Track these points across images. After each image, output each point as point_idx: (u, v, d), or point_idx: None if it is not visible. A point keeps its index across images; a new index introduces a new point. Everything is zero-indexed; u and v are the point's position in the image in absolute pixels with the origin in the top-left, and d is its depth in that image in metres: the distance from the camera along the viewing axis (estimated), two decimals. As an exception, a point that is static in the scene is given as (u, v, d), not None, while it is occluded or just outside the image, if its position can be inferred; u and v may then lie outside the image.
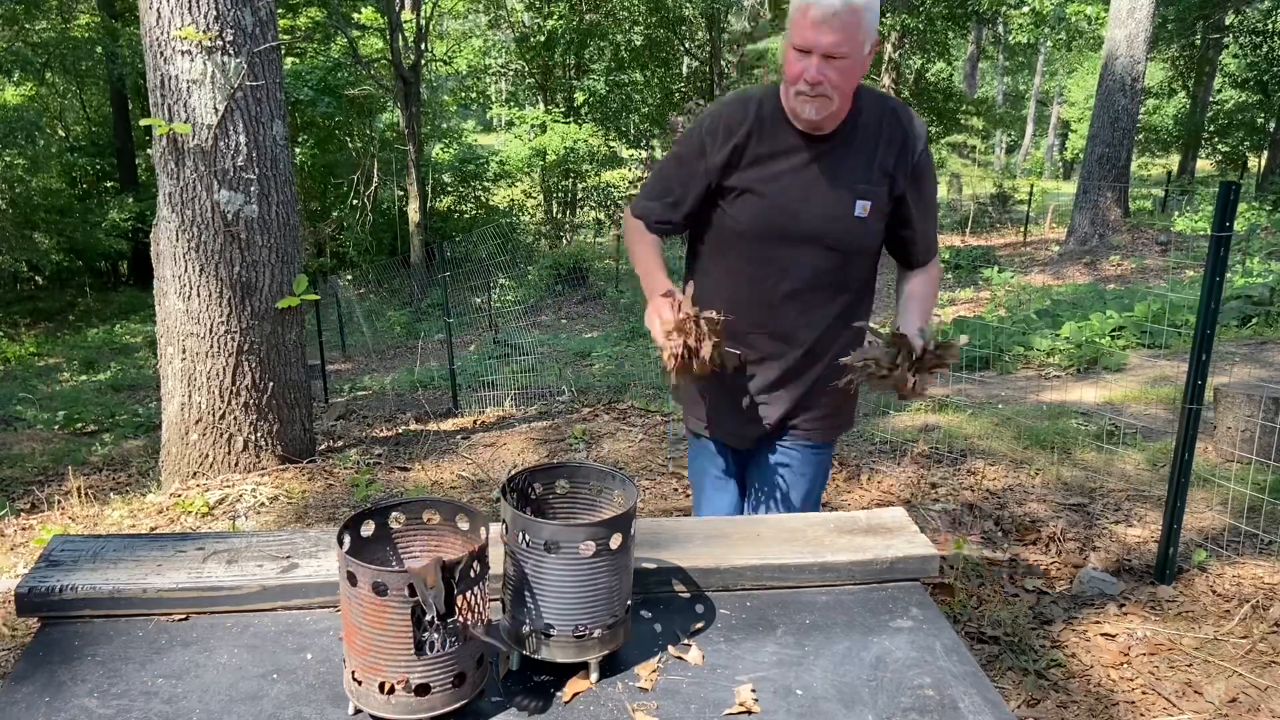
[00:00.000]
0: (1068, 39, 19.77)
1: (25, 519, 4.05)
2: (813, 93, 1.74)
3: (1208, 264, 3.03)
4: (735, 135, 1.87)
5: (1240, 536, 3.48)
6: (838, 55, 1.69)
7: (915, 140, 1.89)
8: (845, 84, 1.75)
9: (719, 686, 1.10)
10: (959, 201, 23.11)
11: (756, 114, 1.88)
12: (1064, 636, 2.87)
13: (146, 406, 6.87)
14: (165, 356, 4.16)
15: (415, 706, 1.01)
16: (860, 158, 1.87)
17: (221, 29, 3.83)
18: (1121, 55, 13.59)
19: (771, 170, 1.88)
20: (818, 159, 1.86)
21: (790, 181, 1.87)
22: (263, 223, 4.07)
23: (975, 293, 12.68)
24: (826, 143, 1.85)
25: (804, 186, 1.88)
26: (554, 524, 1.06)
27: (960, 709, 1.07)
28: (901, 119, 1.89)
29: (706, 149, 1.91)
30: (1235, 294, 8.28)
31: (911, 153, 1.89)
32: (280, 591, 1.27)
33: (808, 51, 1.70)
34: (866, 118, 1.87)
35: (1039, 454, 4.54)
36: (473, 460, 4.69)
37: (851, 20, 1.67)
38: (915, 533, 1.41)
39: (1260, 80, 20.96)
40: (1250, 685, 2.57)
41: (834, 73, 1.71)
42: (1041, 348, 7.03)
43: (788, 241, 1.90)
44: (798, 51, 1.72)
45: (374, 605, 0.99)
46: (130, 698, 1.07)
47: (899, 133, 1.88)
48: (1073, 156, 35.19)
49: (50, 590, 1.23)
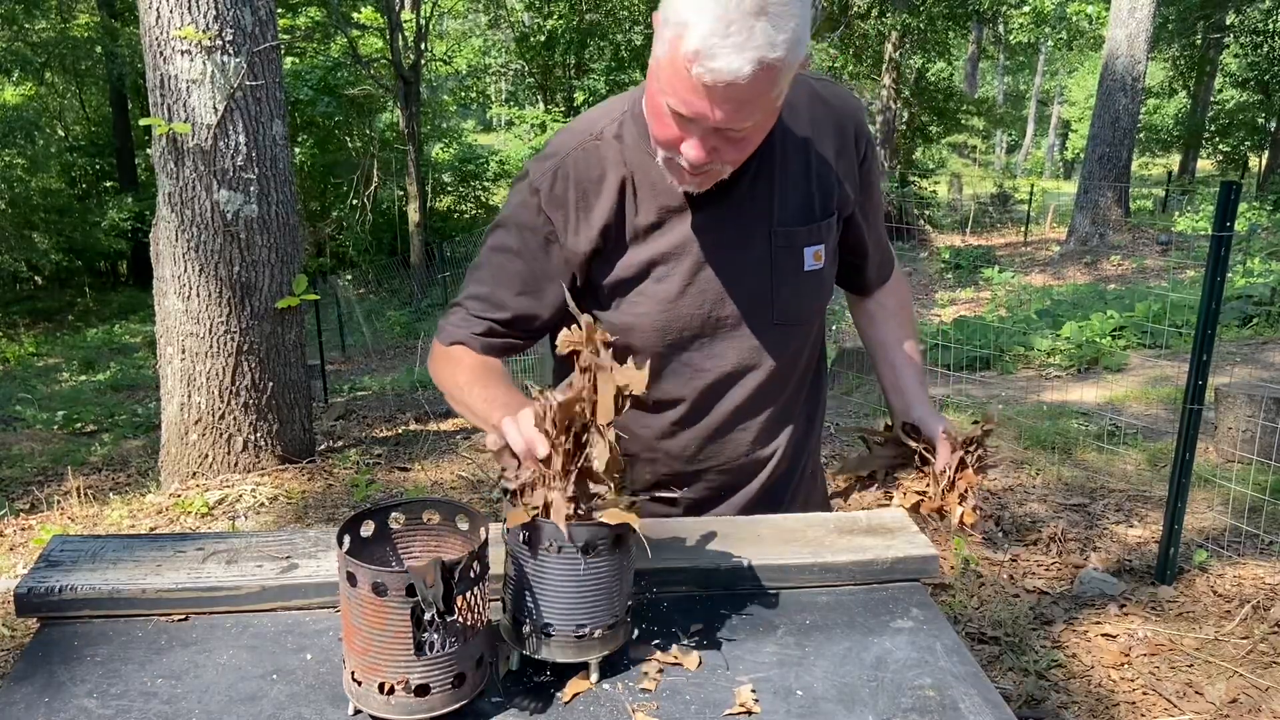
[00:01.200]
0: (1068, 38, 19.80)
1: (25, 519, 4.04)
2: (695, 173, 1.19)
3: (1208, 264, 3.03)
4: (597, 207, 1.28)
5: (1241, 537, 3.47)
6: (737, 130, 1.13)
7: (856, 127, 1.36)
8: (746, 154, 1.20)
9: (719, 686, 1.10)
10: (959, 201, 23.11)
11: (622, 164, 1.28)
12: (1064, 637, 2.86)
13: (146, 406, 6.87)
14: (165, 356, 4.16)
15: (415, 707, 1.01)
16: (794, 183, 1.31)
17: (221, 29, 3.83)
18: (1122, 55, 13.60)
19: (667, 242, 1.29)
20: (733, 206, 1.29)
21: (698, 253, 1.29)
22: (262, 223, 4.07)
23: (975, 293, 12.68)
24: (742, 177, 1.28)
25: (720, 254, 1.30)
26: (554, 524, 1.06)
27: (961, 709, 1.06)
28: (832, 103, 1.34)
29: (557, 231, 1.29)
30: (1236, 294, 8.28)
31: (857, 148, 1.35)
32: (280, 592, 1.26)
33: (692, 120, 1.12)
34: (788, 119, 1.30)
35: (1039, 454, 4.54)
36: (473, 460, 4.69)
37: (763, 82, 1.08)
38: (915, 533, 1.41)
39: (1261, 80, 20.97)
40: (1251, 686, 2.57)
41: (731, 149, 1.16)
42: (1042, 348, 7.03)
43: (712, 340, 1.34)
44: (675, 114, 1.13)
45: (373, 605, 0.99)
46: (130, 698, 1.07)
47: (833, 125, 1.33)
48: (1073, 156, 35.20)
49: (49, 590, 1.23)
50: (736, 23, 1.05)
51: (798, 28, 1.08)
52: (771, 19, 1.05)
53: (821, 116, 1.32)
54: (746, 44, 1.05)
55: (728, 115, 1.10)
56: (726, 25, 1.05)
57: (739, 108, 1.09)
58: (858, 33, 20.34)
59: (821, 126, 1.32)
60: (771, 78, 1.08)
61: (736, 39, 1.05)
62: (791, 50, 1.08)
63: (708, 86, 1.07)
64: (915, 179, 20.60)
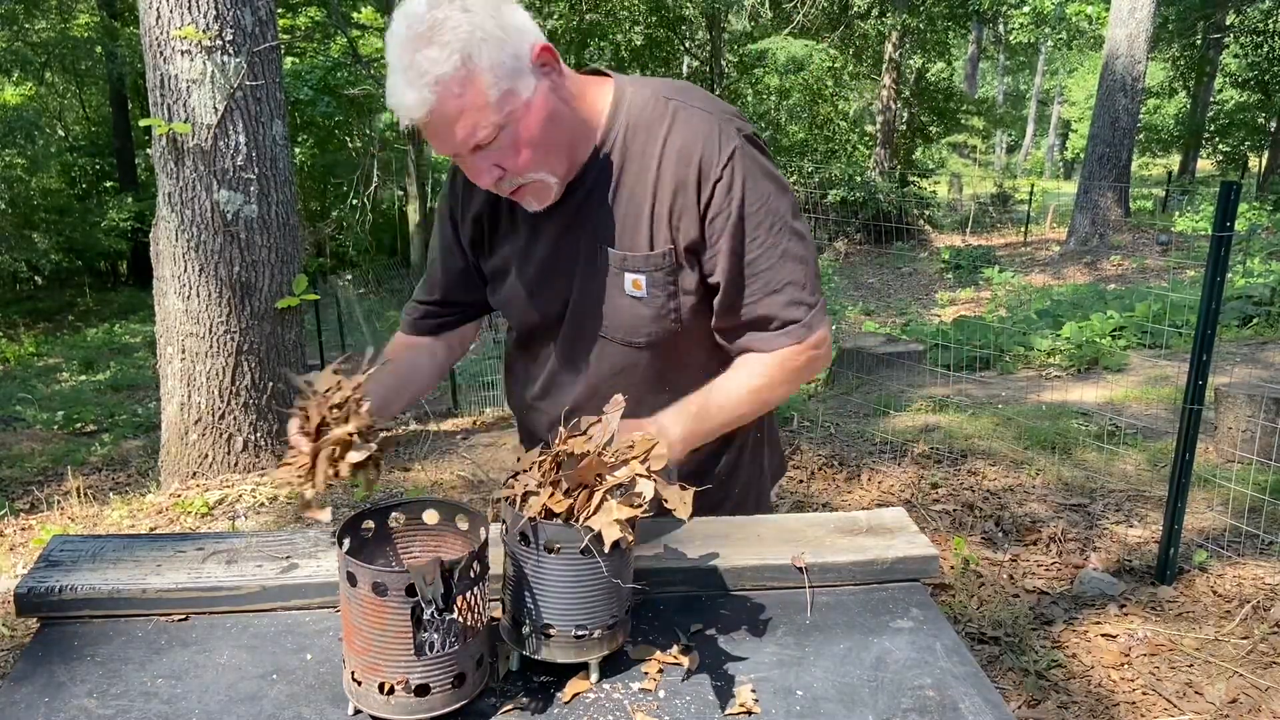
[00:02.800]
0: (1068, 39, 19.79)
1: (25, 519, 4.04)
2: (508, 192, 1.27)
3: (1208, 264, 3.03)
4: (474, 200, 1.40)
5: (1241, 537, 3.47)
6: (482, 144, 1.18)
7: (700, 166, 1.27)
8: (535, 154, 1.22)
9: (719, 686, 1.10)
10: (959, 201, 23.12)
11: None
12: (1064, 637, 2.86)
13: (146, 406, 6.87)
14: (165, 356, 4.16)
15: (415, 707, 1.01)
16: (627, 207, 1.31)
17: (221, 29, 3.83)
18: (1122, 55, 13.60)
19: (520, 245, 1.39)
20: (570, 220, 1.33)
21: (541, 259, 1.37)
22: (262, 222, 4.07)
23: (975, 293, 12.69)
24: (577, 191, 1.32)
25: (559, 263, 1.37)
26: (554, 524, 1.06)
27: (961, 709, 1.07)
28: (683, 135, 1.28)
29: (455, 214, 1.45)
30: (1236, 294, 8.28)
31: (699, 190, 1.28)
32: (280, 592, 1.26)
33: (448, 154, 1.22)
34: (640, 141, 1.29)
35: (1039, 454, 4.54)
36: (473, 460, 4.69)
37: (450, 100, 1.13)
38: (915, 533, 1.41)
39: (1261, 80, 20.97)
40: (1251, 686, 2.57)
41: (506, 157, 1.20)
42: (1042, 348, 7.03)
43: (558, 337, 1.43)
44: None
45: (373, 605, 0.99)
46: (129, 698, 1.07)
47: (676, 158, 1.28)
48: (1073, 156, 35.20)
49: (49, 590, 1.23)
50: (402, 63, 1.13)
51: (470, 29, 1.13)
52: (435, 43, 1.12)
53: (670, 148, 1.28)
54: (415, 80, 1.13)
55: (453, 142, 1.18)
56: (396, 70, 1.14)
57: (451, 131, 1.16)
58: (858, 33, 20.34)
59: (668, 157, 1.28)
60: (456, 91, 1.13)
61: (405, 77, 1.13)
62: (468, 51, 1.12)
63: (423, 128, 1.17)
64: (915, 179, 20.59)
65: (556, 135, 1.23)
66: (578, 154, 1.29)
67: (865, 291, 14.02)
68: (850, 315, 10.34)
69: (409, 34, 1.13)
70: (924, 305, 12.37)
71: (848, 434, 4.98)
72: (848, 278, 14.74)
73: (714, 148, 1.27)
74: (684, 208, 1.29)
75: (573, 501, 1.06)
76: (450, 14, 1.13)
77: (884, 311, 11.70)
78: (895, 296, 13.66)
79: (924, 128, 23.17)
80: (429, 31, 1.12)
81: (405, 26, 1.13)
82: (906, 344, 6.69)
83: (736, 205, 1.28)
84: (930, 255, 16.92)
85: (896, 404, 5.58)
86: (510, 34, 1.16)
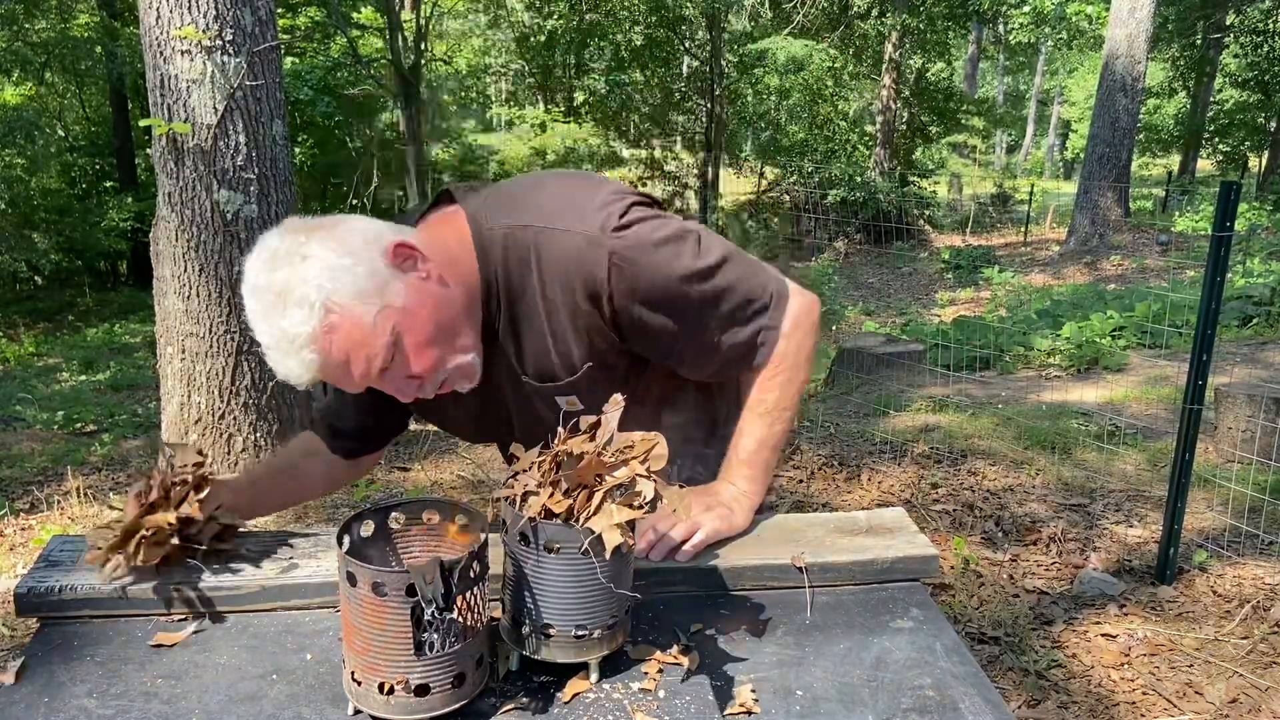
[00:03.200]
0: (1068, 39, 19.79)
1: (25, 519, 4.04)
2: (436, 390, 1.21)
3: (1208, 264, 3.03)
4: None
5: (1241, 537, 3.47)
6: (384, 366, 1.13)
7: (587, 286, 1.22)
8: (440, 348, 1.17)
9: (719, 686, 1.10)
10: (959, 201, 23.11)
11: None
12: (1064, 637, 2.86)
13: (146, 406, 6.87)
14: (165, 356, 4.16)
15: (415, 707, 1.01)
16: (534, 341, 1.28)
17: (221, 29, 3.82)
18: (1122, 55, 13.60)
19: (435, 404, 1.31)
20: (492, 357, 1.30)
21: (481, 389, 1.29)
22: (262, 222, 4.06)
23: (975, 293, 12.69)
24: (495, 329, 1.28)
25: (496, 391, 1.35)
26: (554, 524, 1.06)
27: (961, 709, 1.07)
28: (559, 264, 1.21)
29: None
30: (1236, 294, 8.28)
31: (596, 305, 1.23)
32: (280, 591, 1.27)
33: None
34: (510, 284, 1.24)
35: (1039, 454, 4.54)
36: (472, 460, 4.69)
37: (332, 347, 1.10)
38: (915, 533, 1.41)
39: (1261, 80, 20.97)
40: (1251, 686, 2.57)
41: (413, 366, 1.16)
42: (1042, 348, 7.03)
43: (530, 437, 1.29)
44: None
45: (373, 605, 0.99)
46: (129, 698, 1.07)
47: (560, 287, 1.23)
48: (1073, 156, 35.19)
49: (49, 590, 1.23)
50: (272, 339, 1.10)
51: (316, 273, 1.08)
52: (290, 305, 1.08)
53: (548, 280, 1.23)
54: (290, 348, 1.09)
55: (355, 380, 1.14)
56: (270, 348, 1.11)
57: (348, 373, 1.13)
58: (858, 33, 20.35)
59: (550, 290, 1.24)
60: (333, 338, 1.09)
61: (281, 349, 1.10)
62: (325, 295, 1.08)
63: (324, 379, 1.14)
64: (915, 179, 20.59)
65: (449, 317, 1.18)
66: (476, 316, 1.24)
67: (865, 291, 14.02)
68: (850, 315, 10.35)
69: (264, 308, 1.09)
70: (924, 305, 12.37)
71: (848, 434, 4.98)
72: (848, 278, 14.75)
73: (588, 267, 1.21)
74: (589, 326, 1.26)
75: (572, 502, 1.06)
76: (291, 270, 1.08)
77: (884, 311, 11.70)
78: (895, 296, 13.66)
79: (924, 128, 23.17)
80: (279, 298, 1.08)
81: (256, 302, 1.10)
82: (906, 344, 6.69)
83: (642, 302, 1.24)
84: (930, 255, 16.92)
85: (896, 404, 5.58)
86: (358, 254, 1.11)
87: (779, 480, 4.28)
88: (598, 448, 1.08)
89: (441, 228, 1.27)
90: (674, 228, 1.26)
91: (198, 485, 1.28)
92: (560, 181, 1.29)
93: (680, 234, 1.26)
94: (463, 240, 1.24)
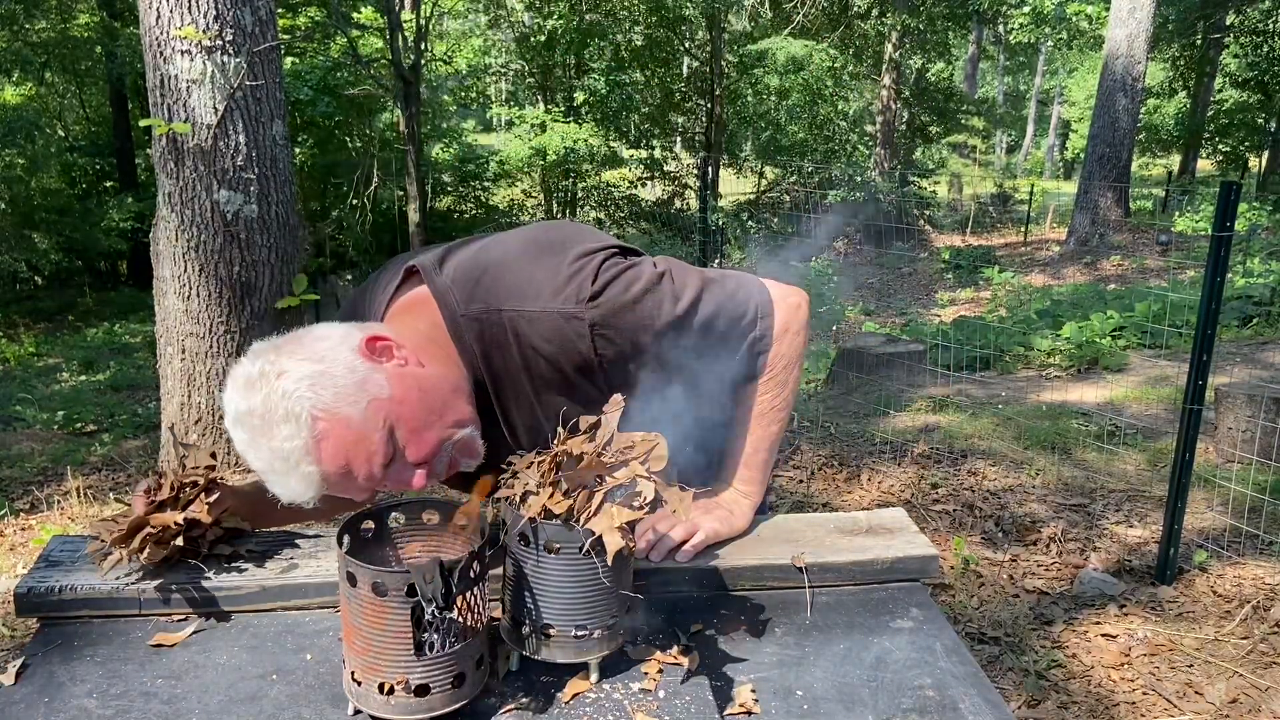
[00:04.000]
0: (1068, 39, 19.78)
1: (25, 519, 4.04)
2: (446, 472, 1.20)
3: (1208, 264, 3.03)
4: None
5: (1241, 537, 3.47)
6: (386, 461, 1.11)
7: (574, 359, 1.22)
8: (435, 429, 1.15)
9: (719, 687, 1.10)
10: (959, 201, 23.10)
11: None
12: (1064, 637, 2.86)
13: (146, 406, 6.86)
14: (165, 356, 4.16)
15: (415, 707, 1.01)
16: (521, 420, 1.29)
17: (221, 29, 3.82)
18: (1122, 55, 13.59)
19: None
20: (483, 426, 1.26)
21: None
22: (262, 222, 4.06)
23: (975, 293, 12.68)
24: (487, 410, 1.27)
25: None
26: (554, 525, 1.06)
27: (961, 710, 1.06)
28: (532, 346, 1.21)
29: None
30: (1236, 294, 8.28)
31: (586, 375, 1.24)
32: (280, 592, 1.27)
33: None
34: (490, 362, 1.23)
35: (1039, 454, 4.54)
36: (473, 460, 4.69)
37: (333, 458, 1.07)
38: (915, 533, 1.41)
39: (1261, 80, 20.96)
40: (1251, 686, 2.56)
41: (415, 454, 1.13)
42: (1042, 348, 7.03)
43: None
44: None
45: (373, 606, 0.99)
46: (129, 698, 1.07)
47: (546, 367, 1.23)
48: (1073, 156, 35.17)
49: (49, 590, 1.23)
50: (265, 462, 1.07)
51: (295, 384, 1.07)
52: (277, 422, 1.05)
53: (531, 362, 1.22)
54: (287, 466, 1.06)
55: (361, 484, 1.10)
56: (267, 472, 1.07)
57: (351, 478, 1.09)
58: (858, 33, 20.34)
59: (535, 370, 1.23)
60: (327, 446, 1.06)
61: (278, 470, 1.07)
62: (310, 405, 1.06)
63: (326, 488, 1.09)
64: (915, 179, 20.59)
65: (437, 397, 1.15)
66: (465, 390, 1.22)
67: (865, 291, 14.01)
68: (850, 315, 10.34)
69: (251, 434, 1.07)
70: (924, 305, 12.37)
71: (848, 434, 4.98)
72: (848, 278, 14.74)
73: (572, 343, 1.20)
74: (586, 398, 1.24)
75: (572, 502, 1.06)
76: (270, 387, 1.07)
77: (884, 311, 11.70)
78: (895, 296, 13.66)
79: (924, 128, 23.17)
80: (264, 420, 1.06)
81: (242, 430, 1.08)
82: (906, 344, 6.69)
83: (632, 360, 1.24)
84: (930, 255, 16.91)
85: (896, 404, 5.58)
86: (330, 358, 1.10)
87: (779, 480, 4.28)
88: (597, 448, 1.08)
89: (412, 315, 1.25)
90: (646, 277, 1.24)
91: (208, 488, 1.28)
92: (524, 251, 1.25)
93: (653, 281, 1.24)
94: (436, 326, 1.22)
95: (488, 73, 22.38)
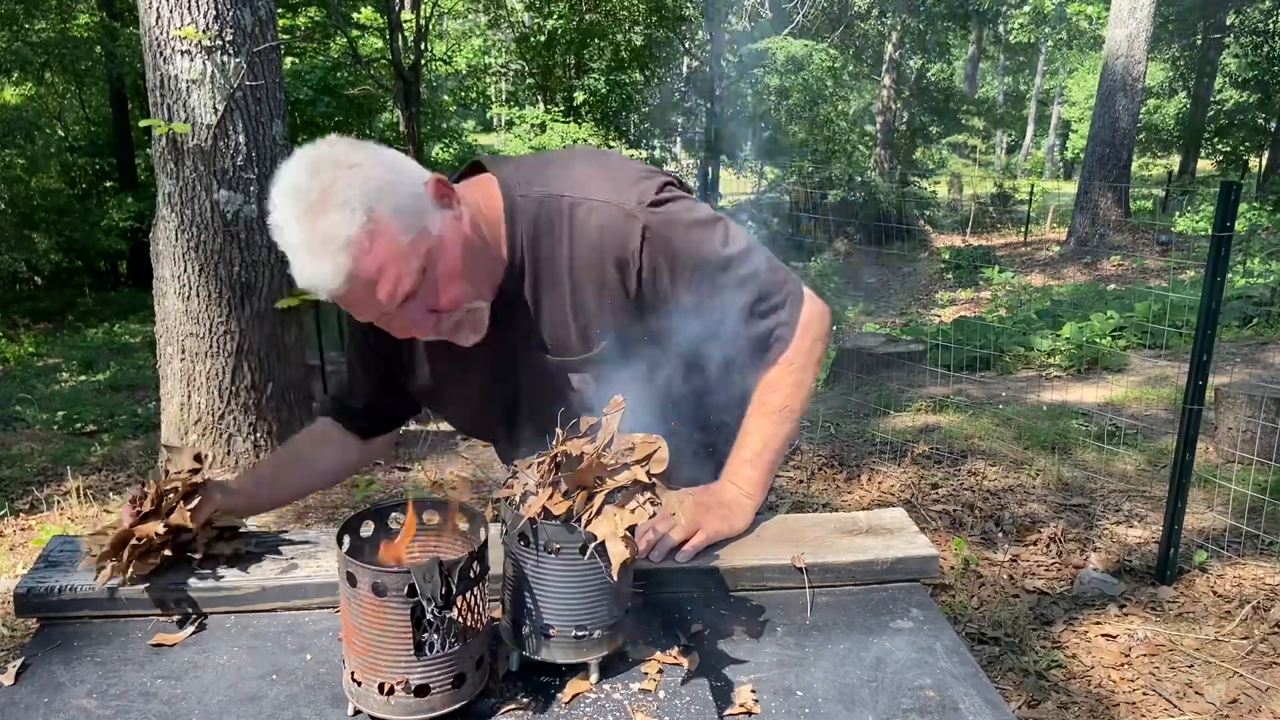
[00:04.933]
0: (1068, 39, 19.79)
1: (24, 519, 4.04)
2: (446, 332, 1.20)
3: (1208, 264, 3.03)
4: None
5: (1241, 537, 3.47)
6: (410, 292, 1.11)
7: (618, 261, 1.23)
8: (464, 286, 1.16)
9: (719, 687, 1.10)
10: (959, 202, 23.11)
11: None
12: (1064, 637, 2.86)
13: (146, 406, 6.86)
14: (164, 356, 4.16)
15: (415, 707, 1.01)
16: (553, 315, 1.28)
17: (221, 29, 3.82)
18: (1122, 55, 13.60)
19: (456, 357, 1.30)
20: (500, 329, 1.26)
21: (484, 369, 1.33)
22: (262, 223, 4.06)
23: (975, 293, 12.69)
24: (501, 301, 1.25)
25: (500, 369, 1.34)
26: (554, 525, 1.06)
27: (961, 710, 1.06)
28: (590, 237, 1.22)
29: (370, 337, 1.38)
30: (1236, 294, 8.28)
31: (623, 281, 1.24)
32: (280, 592, 1.26)
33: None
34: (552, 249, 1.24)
35: (1039, 454, 4.54)
36: (473, 460, 4.69)
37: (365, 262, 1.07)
38: (915, 533, 1.41)
39: (1261, 80, 20.97)
40: (1251, 686, 2.56)
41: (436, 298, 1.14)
42: (1042, 348, 7.03)
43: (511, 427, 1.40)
44: None
45: (373, 606, 0.99)
46: (129, 698, 1.07)
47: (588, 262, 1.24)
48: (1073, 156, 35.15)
49: (49, 591, 1.23)
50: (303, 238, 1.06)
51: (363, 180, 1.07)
52: (331, 207, 1.05)
53: (578, 250, 1.24)
54: (324, 249, 1.05)
55: (379, 302, 1.10)
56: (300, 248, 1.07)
57: (373, 290, 1.09)
58: (858, 33, 20.35)
59: (578, 259, 1.24)
60: (369, 247, 1.06)
61: (312, 250, 1.06)
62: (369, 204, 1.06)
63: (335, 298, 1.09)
64: (915, 179, 20.59)
65: (476, 261, 1.18)
66: (497, 272, 1.24)
67: (865, 291, 14.01)
68: (850, 315, 10.34)
69: (301, 207, 1.05)
70: (924, 305, 12.37)
71: (848, 434, 4.98)
72: (848, 278, 14.74)
73: (621, 238, 1.22)
74: (614, 303, 1.26)
75: (572, 503, 1.06)
76: (337, 174, 1.06)
77: (884, 311, 11.70)
78: (895, 296, 13.66)
79: (924, 128, 23.19)
80: (321, 198, 1.05)
81: (294, 202, 1.06)
82: (906, 344, 6.69)
83: (669, 278, 1.26)
84: (930, 255, 16.92)
85: (896, 404, 5.58)
86: (401, 175, 1.12)
87: (779, 480, 4.28)
88: (597, 449, 1.08)
89: (472, 189, 1.27)
90: (705, 212, 1.29)
91: (187, 494, 1.27)
92: (593, 156, 1.31)
93: (710, 219, 1.29)
94: (492, 203, 1.25)
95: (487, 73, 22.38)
